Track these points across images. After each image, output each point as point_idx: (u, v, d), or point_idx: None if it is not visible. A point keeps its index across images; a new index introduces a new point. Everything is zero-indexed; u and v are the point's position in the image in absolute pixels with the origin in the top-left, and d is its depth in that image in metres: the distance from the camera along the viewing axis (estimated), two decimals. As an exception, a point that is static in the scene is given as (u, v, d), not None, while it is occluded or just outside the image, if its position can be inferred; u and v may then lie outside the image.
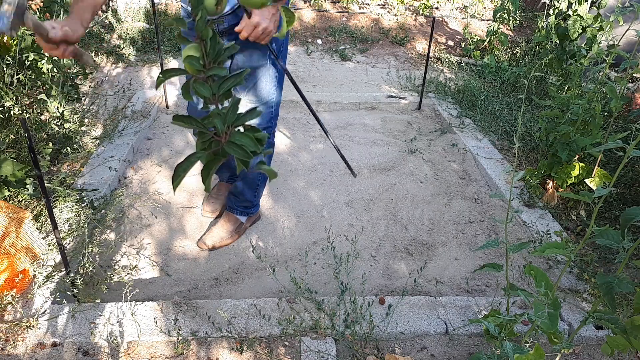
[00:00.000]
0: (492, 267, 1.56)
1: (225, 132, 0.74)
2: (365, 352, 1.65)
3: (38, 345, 1.61)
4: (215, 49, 0.74)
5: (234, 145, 0.74)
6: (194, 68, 0.74)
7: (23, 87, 2.59)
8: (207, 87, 0.75)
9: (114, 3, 4.82)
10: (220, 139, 0.75)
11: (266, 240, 2.24)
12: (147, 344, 1.65)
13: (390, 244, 2.26)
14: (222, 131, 0.74)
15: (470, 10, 5.62)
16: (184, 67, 0.75)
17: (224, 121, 0.74)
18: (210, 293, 1.94)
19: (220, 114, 0.74)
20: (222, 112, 0.75)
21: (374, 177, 2.75)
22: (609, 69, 3.38)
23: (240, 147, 0.74)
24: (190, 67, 0.74)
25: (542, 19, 4.32)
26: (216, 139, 0.75)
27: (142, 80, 3.84)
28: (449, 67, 4.48)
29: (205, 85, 0.75)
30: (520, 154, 2.97)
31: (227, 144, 0.74)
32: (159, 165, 2.74)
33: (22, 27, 1.11)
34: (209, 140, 0.75)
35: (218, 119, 0.74)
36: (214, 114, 0.74)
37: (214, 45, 0.74)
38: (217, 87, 0.75)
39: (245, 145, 0.74)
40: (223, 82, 0.76)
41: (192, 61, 0.74)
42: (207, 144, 0.75)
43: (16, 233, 1.76)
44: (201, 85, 0.75)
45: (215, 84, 0.75)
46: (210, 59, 0.75)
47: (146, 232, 2.24)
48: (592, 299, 1.91)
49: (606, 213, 2.40)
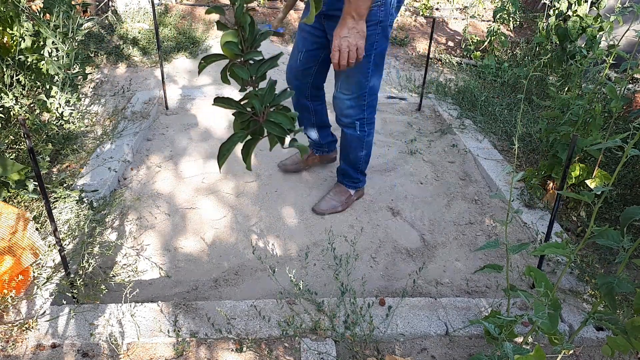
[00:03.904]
0: (493, 268, 1.56)
1: (262, 112, 0.80)
2: (365, 353, 1.64)
3: (38, 346, 1.61)
4: (252, 35, 0.79)
5: (272, 123, 0.79)
6: (232, 52, 0.79)
7: (23, 87, 2.59)
8: (245, 70, 0.80)
9: (114, 3, 4.82)
10: (259, 119, 0.80)
11: (266, 241, 2.24)
12: (147, 345, 1.65)
13: (390, 245, 2.26)
14: (260, 111, 0.79)
15: (470, 11, 5.62)
16: (222, 52, 0.79)
17: (261, 102, 0.79)
18: (210, 294, 1.94)
19: (257, 95, 0.79)
20: (259, 93, 0.80)
21: (374, 178, 2.75)
22: (609, 70, 3.38)
23: (277, 125, 0.79)
24: (229, 51, 0.79)
25: (542, 20, 4.32)
26: (254, 118, 0.80)
27: (142, 80, 3.84)
28: (449, 68, 4.48)
29: (244, 69, 0.80)
30: (520, 154, 2.97)
31: (265, 122, 0.80)
32: (159, 166, 2.74)
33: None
34: (247, 120, 0.81)
35: (256, 100, 0.79)
36: (252, 95, 0.80)
37: (251, 31, 0.78)
38: (255, 70, 0.80)
39: (282, 123, 0.79)
40: (260, 66, 0.80)
41: (231, 46, 0.78)
42: (246, 124, 0.81)
43: (20, 233, 1.76)
44: (240, 68, 0.80)
45: (252, 67, 0.80)
46: (248, 44, 0.79)
47: (146, 233, 2.24)
48: (592, 299, 1.90)
49: (607, 214, 2.39)
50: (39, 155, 2.39)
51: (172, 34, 4.58)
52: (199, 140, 3.03)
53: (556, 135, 2.44)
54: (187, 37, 4.53)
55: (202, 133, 3.12)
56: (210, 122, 3.24)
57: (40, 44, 2.56)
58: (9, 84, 2.53)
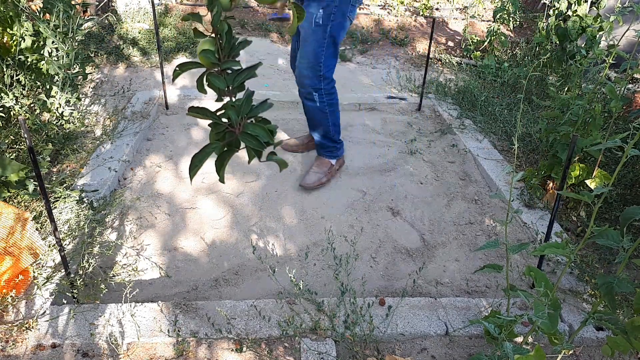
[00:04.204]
0: (492, 268, 1.56)
1: (239, 124, 0.76)
2: (365, 353, 1.64)
3: (38, 346, 1.61)
4: (230, 43, 0.76)
5: (249, 135, 0.76)
6: (209, 61, 0.76)
7: (23, 87, 2.59)
8: (222, 80, 0.76)
9: (114, 4, 4.82)
10: (235, 130, 0.76)
11: (266, 241, 2.24)
12: (147, 345, 1.65)
13: (390, 245, 2.26)
14: (236, 122, 0.76)
15: (470, 11, 5.62)
16: (199, 60, 0.77)
17: (238, 113, 0.76)
18: (210, 294, 1.94)
19: (234, 106, 0.76)
20: (236, 104, 0.76)
21: (374, 177, 2.75)
22: (609, 70, 3.39)
23: (254, 138, 0.75)
24: (206, 60, 0.76)
25: (542, 20, 4.32)
26: (230, 130, 0.77)
27: (142, 80, 3.84)
28: (449, 68, 4.48)
29: (220, 78, 0.76)
30: (520, 154, 2.97)
31: (241, 134, 0.76)
32: (159, 165, 2.74)
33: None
34: (223, 132, 0.77)
35: (232, 111, 0.76)
36: (228, 106, 0.76)
37: (229, 39, 0.76)
38: (232, 79, 0.77)
39: (259, 136, 0.75)
40: (237, 75, 0.77)
41: (208, 54, 0.75)
42: (222, 135, 0.77)
43: (20, 233, 1.76)
44: (216, 77, 0.76)
45: (229, 76, 0.77)
46: (225, 53, 0.76)
47: (146, 232, 2.24)
48: (592, 299, 1.90)
49: (607, 214, 2.40)
50: (39, 155, 2.39)
51: (172, 34, 4.58)
52: (199, 140, 3.03)
53: (556, 135, 2.44)
54: (187, 38, 4.53)
55: (202, 133, 3.12)
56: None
57: (40, 44, 2.56)
58: (9, 84, 2.53)
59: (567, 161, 1.70)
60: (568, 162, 1.70)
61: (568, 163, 1.70)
